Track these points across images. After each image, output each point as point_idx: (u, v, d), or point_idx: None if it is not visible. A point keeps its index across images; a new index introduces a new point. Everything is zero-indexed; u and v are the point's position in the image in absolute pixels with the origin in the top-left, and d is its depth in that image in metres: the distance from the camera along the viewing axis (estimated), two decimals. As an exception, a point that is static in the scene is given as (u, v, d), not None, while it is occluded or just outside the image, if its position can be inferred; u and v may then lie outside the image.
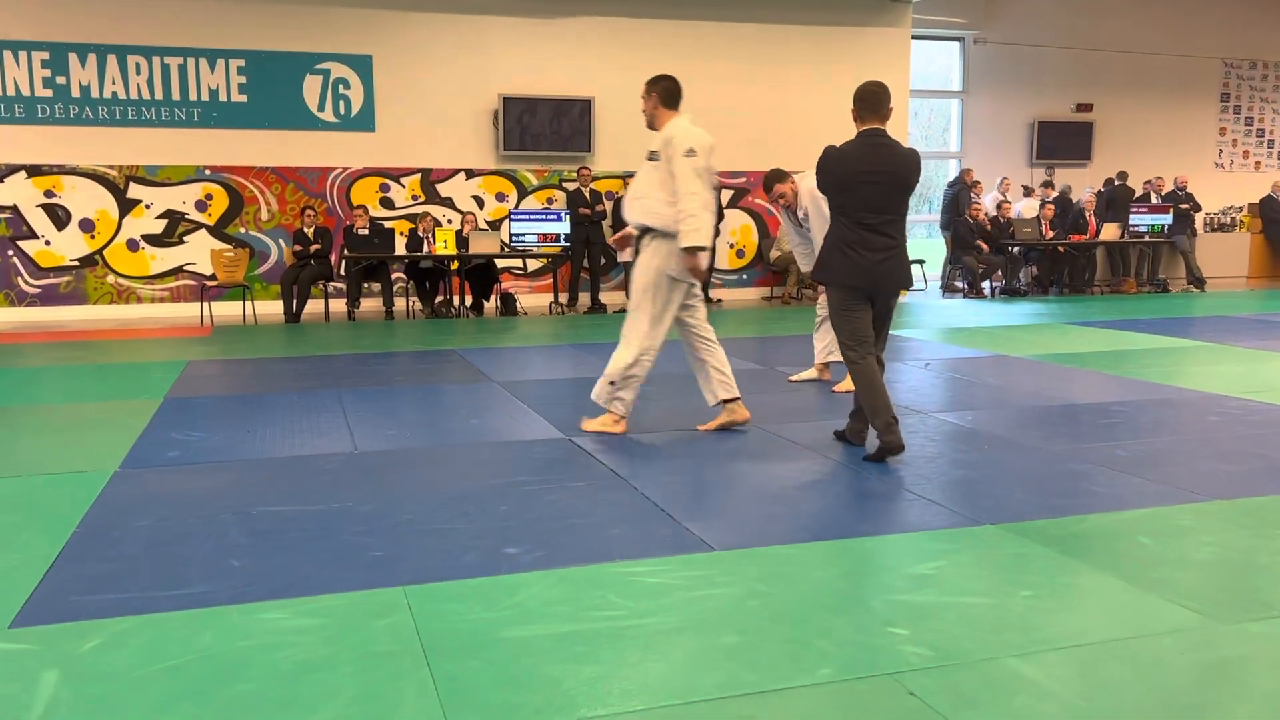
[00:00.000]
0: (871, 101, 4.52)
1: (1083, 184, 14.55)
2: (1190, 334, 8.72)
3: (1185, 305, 11.52)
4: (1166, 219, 13.47)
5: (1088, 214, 13.56)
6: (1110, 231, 13.32)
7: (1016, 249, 13.16)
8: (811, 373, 6.43)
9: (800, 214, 5.97)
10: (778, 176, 6.14)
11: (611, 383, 4.87)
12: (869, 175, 4.33)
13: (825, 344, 6.32)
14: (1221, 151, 16.53)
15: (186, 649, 2.51)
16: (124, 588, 2.92)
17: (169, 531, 3.44)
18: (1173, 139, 16.10)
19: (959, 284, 13.78)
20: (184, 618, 2.70)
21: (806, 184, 5.91)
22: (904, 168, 4.41)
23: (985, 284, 13.10)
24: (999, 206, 13.35)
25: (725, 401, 4.99)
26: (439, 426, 5.14)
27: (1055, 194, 14.31)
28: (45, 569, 3.08)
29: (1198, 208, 13.92)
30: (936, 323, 9.97)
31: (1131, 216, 13.50)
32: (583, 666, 2.40)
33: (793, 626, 2.63)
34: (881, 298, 4.40)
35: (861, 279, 4.31)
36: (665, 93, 4.85)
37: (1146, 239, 13.52)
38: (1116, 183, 14.34)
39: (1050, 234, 13.18)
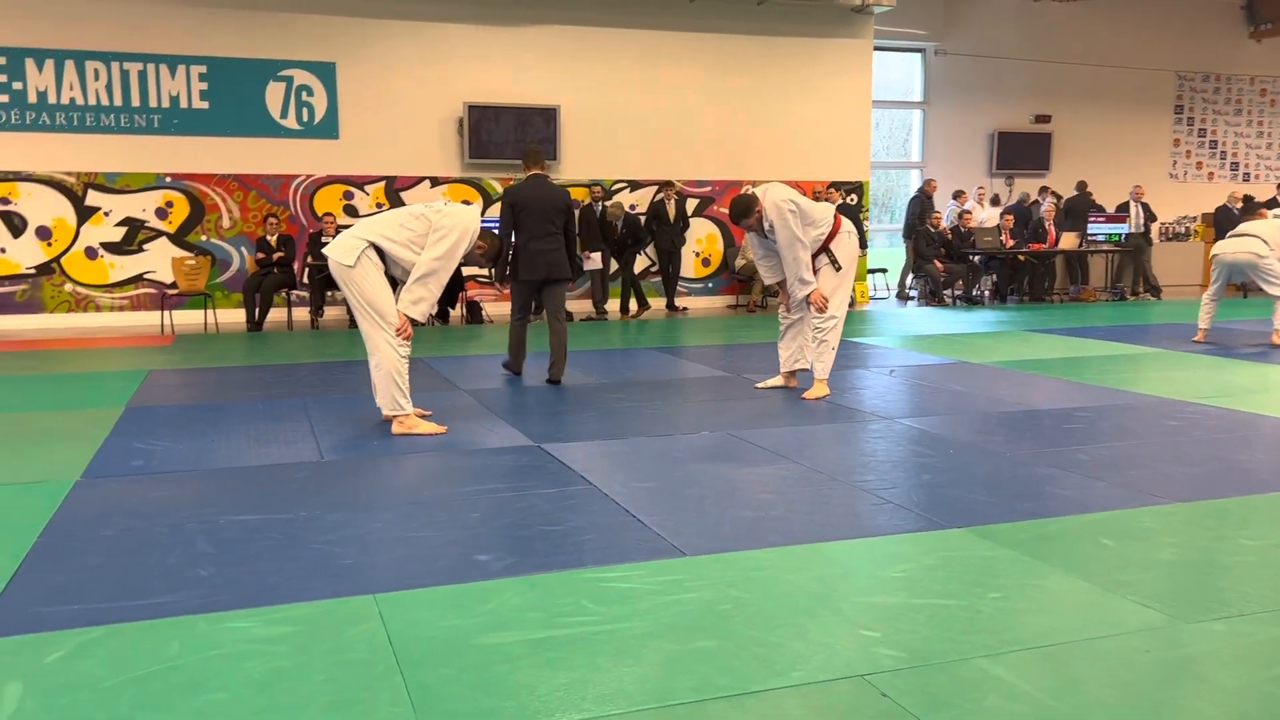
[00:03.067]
0: (534, 157, 7.00)
1: (1039, 192, 14.76)
2: (1148, 341, 8.87)
3: (1142, 313, 11.72)
4: (1124, 228, 13.70)
5: (1047, 223, 13.75)
6: (1069, 240, 13.52)
7: (977, 258, 13.32)
8: (778, 380, 6.46)
9: (766, 226, 6.00)
10: (745, 210, 6.04)
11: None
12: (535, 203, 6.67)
13: (790, 352, 6.35)
14: (1176, 162, 16.85)
15: (154, 659, 2.48)
16: (88, 598, 2.88)
17: (134, 541, 3.39)
18: (1129, 150, 16.39)
19: (911, 292, 13.92)
20: (150, 627, 2.67)
21: (771, 196, 5.94)
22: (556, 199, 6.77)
23: (946, 292, 13.24)
24: (960, 216, 13.51)
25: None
26: (406, 436, 5.10)
27: (1014, 200, 14.53)
28: (6, 580, 3.03)
29: (1153, 217, 14.16)
30: (898, 330, 10.07)
31: (1090, 225, 13.71)
32: (556, 672, 2.39)
33: (765, 630, 2.64)
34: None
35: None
36: None
37: (1104, 248, 13.74)
38: (1076, 193, 14.55)
39: (1010, 243, 13.35)
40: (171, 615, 2.75)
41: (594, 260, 11.86)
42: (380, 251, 5.01)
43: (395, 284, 5.11)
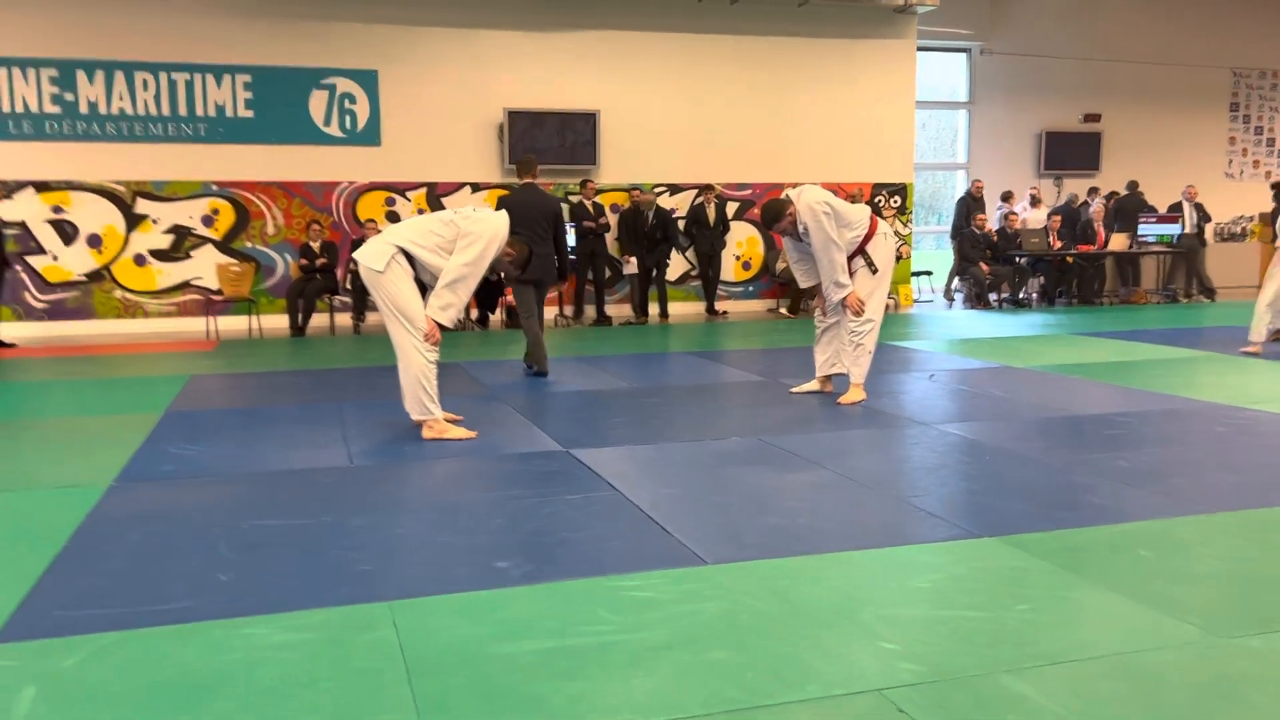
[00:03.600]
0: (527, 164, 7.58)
1: (1087, 192, 14.47)
2: (1199, 344, 8.64)
3: (1195, 315, 11.43)
4: (1176, 229, 13.38)
5: (1096, 224, 13.47)
6: (1119, 242, 13.24)
7: (1024, 260, 13.09)
8: (814, 385, 6.38)
9: (800, 229, 5.93)
10: (776, 214, 5.98)
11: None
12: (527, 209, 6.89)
13: (826, 356, 6.27)
14: (1231, 161, 16.44)
15: (167, 665, 2.48)
16: (109, 603, 2.90)
17: (158, 546, 3.42)
18: (1182, 149, 16.02)
19: (955, 294, 13.71)
20: (167, 633, 2.68)
21: (805, 199, 5.86)
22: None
23: (992, 295, 13.03)
24: (1005, 218, 13.28)
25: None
26: (435, 441, 5.10)
27: (1063, 200, 14.26)
28: (32, 584, 3.06)
29: (1207, 218, 13.81)
30: (942, 334, 9.91)
31: (1140, 226, 13.41)
32: (567, 683, 2.36)
33: (782, 642, 2.58)
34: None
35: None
36: None
37: (1155, 249, 13.42)
38: (1126, 193, 14.25)
39: (1058, 245, 13.10)
40: (188, 621, 2.75)
41: (632, 264, 11.85)
42: (410, 257, 5.02)
43: (424, 289, 5.12)
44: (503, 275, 6.64)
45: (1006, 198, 14.05)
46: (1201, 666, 2.43)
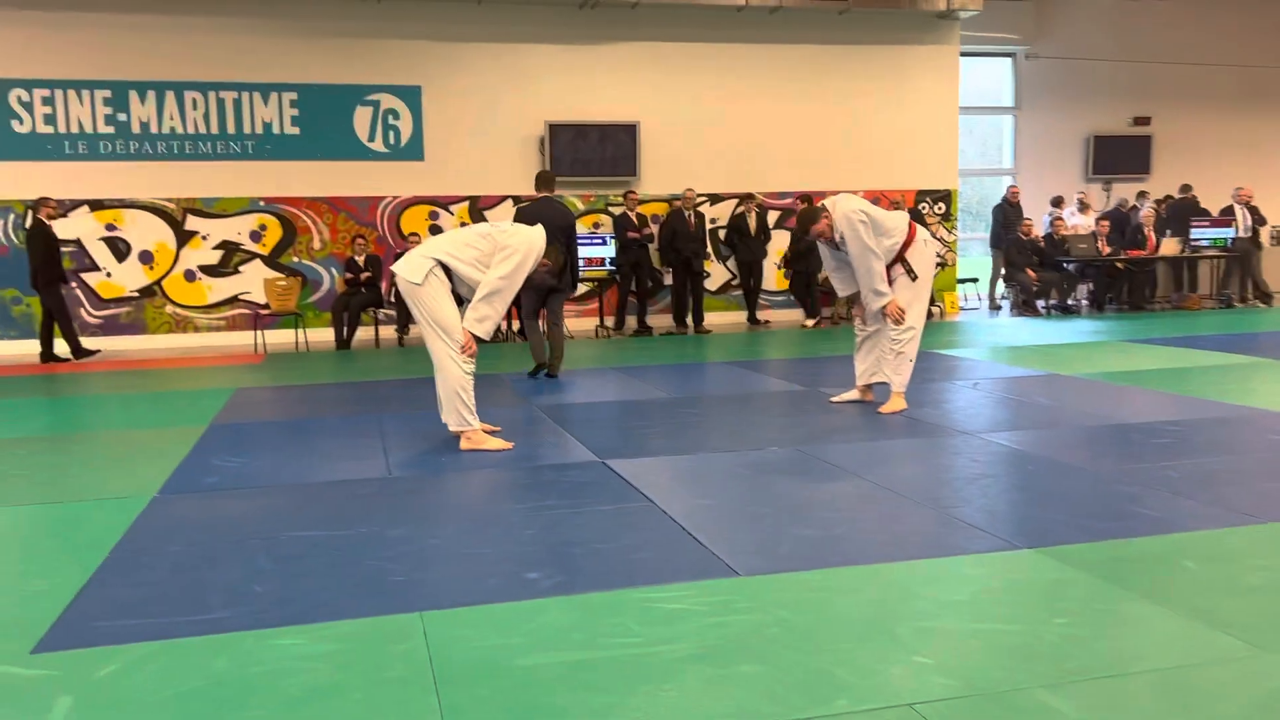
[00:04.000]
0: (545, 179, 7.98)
1: (1136, 197, 14.21)
2: (1254, 350, 8.43)
3: (1250, 321, 11.16)
4: (1230, 232, 13.09)
5: (1146, 229, 13.22)
6: (1170, 247, 12.98)
7: (1073, 266, 12.87)
8: (854, 394, 6.32)
9: (837, 238, 5.88)
10: (812, 218, 5.95)
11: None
12: (543, 221, 6.18)
13: (866, 365, 6.20)
14: (1289, 162, 16.04)
15: (199, 675, 2.51)
16: (147, 613, 2.94)
17: (197, 556, 3.46)
18: (1235, 151, 15.67)
19: (1002, 302, 13.53)
20: (201, 643, 2.71)
21: (841, 208, 5.81)
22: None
23: (1040, 302, 12.82)
24: (1053, 223, 13.08)
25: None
26: (472, 452, 5.12)
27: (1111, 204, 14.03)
28: (74, 594, 3.11)
29: (1263, 220, 13.49)
30: (989, 341, 9.77)
31: (1192, 231, 13.14)
32: (592, 696, 2.35)
33: (813, 655, 2.55)
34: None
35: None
36: None
37: (1209, 253, 13.13)
38: (1179, 196, 13.97)
39: (1107, 250, 12.88)
40: (223, 631, 2.78)
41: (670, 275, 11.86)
42: (447, 270, 5.06)
43: (461, 301, 5.15)
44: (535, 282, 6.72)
45: (1057, 203, 13.85)
46: (1248, 683, 2.35)
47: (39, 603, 3.05)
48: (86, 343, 10.44)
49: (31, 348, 10.33)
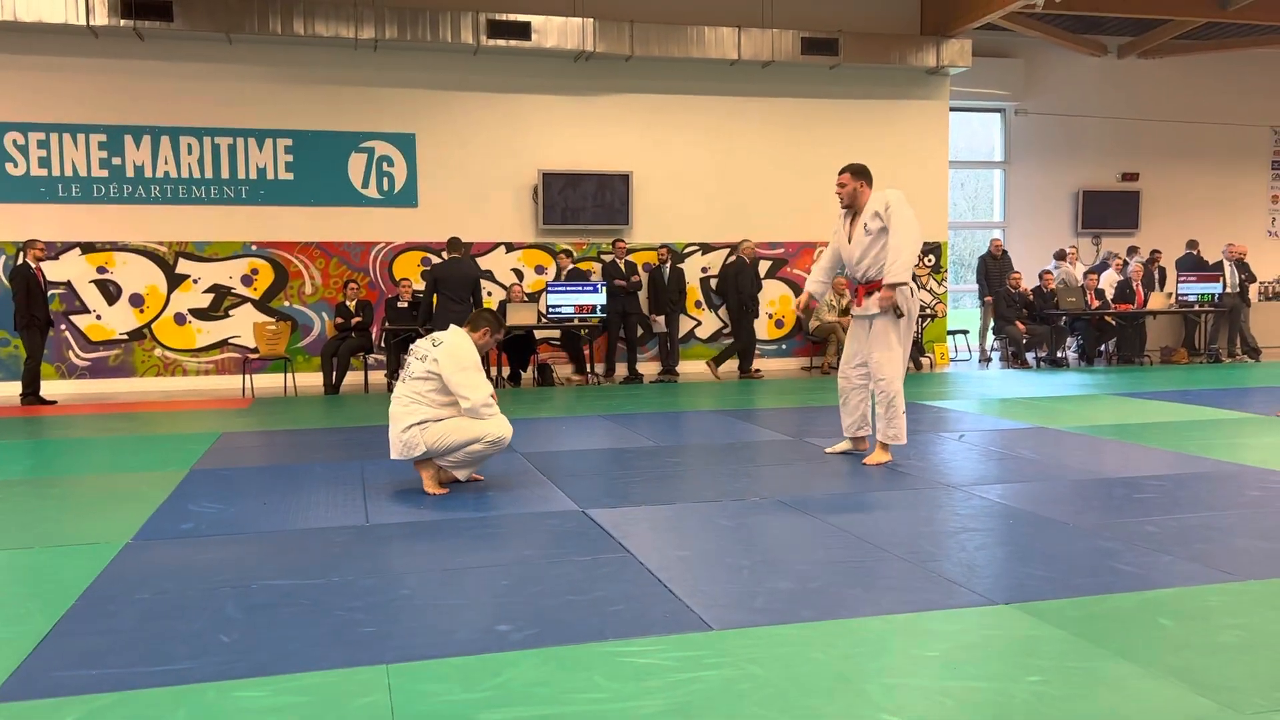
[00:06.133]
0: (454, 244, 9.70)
1: (1126, 251, 14.32)
2: (1242, 405, 8.44)
3: (1238, 376, 11.19)
4: (1217, 288, 13.18)
5: (1135, 284, 13.31)
6: (1158, 301, 13.05)
7: (1063, 319, 12.93)
8: (845, 445, 6.30)
9: (870, 212, 5.87)
10: (859, 171, 6.20)
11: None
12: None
13: (854, 420, 6.18)
14: (1275, 219, 16.22)
15: (157, 727, 2.46)
16: (109, 663, 2.89)
17: (165, 605, 3.42)
18: (1223, 207, 15.84)
19: (991, 352, 13.57)
20: (161, 695, 2.66)
21: (890, 191, 5.90)
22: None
23: (1030, 355, 12.86)
24: (1041, 276, 13.16)
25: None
26: (453, 499, 5.10)
27: (1100, 257, 14.12)
28: (36, 643, 3.07)
29: (1252, 277, 13.59)
30: (978, 393, 9.78)
31: (1180, 285, 13.23)
32: (554, 752, 2.31)
33: (781, 712, 2.51)
34: None
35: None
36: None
37: (1196, 308, 13.21)
38: (1186, 252, 14.03)
39: (1095, 304, 12.94)
40: (185, 683, 2.74)
41: (660, 323, 11.91)
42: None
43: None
44: (442, 327, 6.73)
45: (1061, 256, 13.92)
46: (1219, 745, 2.32)
47: (0, 651, 3.01)
48: (65, 387, 10.40)
49: (18, 389, 10.30)
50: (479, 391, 5.08)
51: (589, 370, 11.73)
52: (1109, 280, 13.46)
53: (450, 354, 5.12)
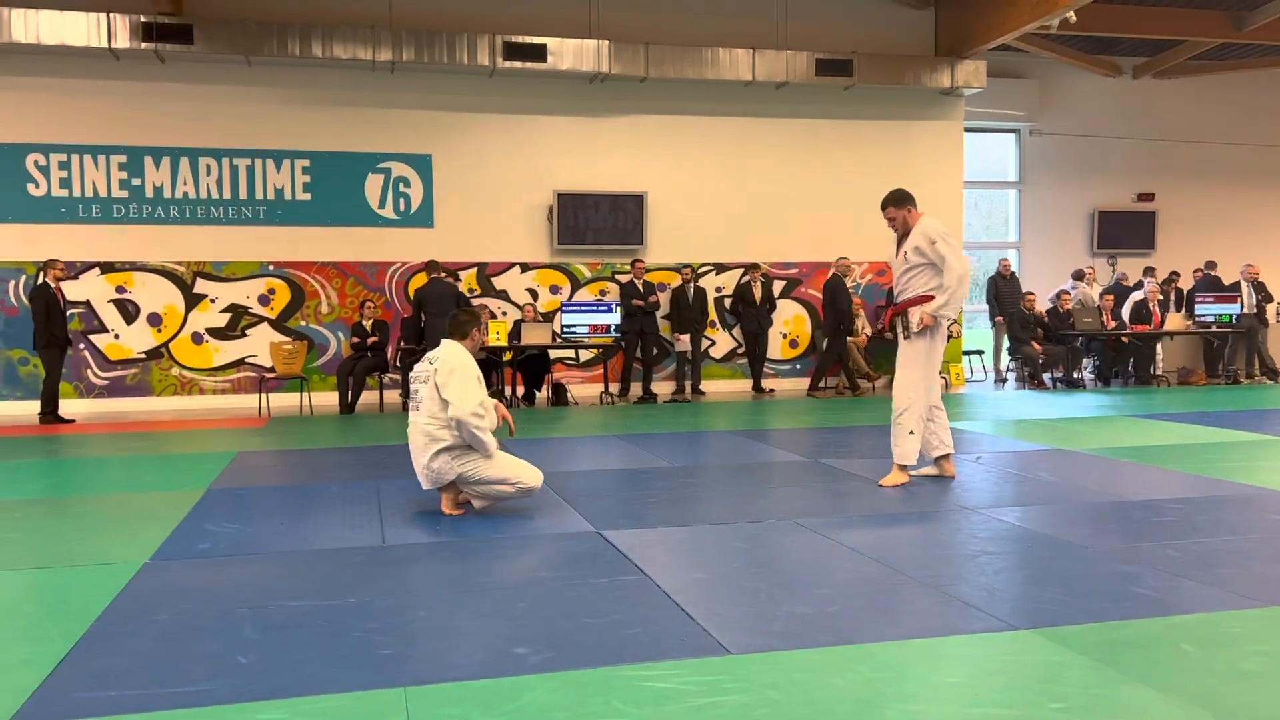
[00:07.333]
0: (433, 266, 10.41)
1: (1143, 272, 14.26)
2: (1260, 427, 8.38)
3: (1257, 397, 11.11)
4: (1234, 308, 13.11)
5: (1151, 304, 13.25)
6: (1175, 322, 12.99)
7: (1079, 340, 12.88)
8: (930, 469, 6.22)
9: (912, 245, 5.81)
10: (899, 199, 5.94)
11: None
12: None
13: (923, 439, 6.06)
14: (1293, 239, 16.13)
15: (175, 750, 2.47)
16: (127, 685, 2.90)
17: (184, 626, 3.43)
18: (1241, 227, 15.78)
19: (1007, 373, 13.51)
20: (179, 717, 2.66)
21: (929, 220, 5.84)
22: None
23: (1046, 375, 12.80)
24: (1058, 297, 13.12)
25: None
26: (469, 520, 5.10)
27: (1117, 277, 14.07)
28: (55, 663, 3.08)
29: (1269, 298, 13.52)
30: (994, 414, 9.74)
31: (1197, 306, 13.16)
32: (573, 778, 2.30)
33: (800, 738, 2.50)
34: None
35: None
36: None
37: (1214, 329, 13.13)
38: (1207, 272, 13.97)
39: (1111, 324, 12.89)
40: (202, 705, 2.74)
41: (683, 342, 11.92)
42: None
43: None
44: (431, 344, 6.76)
45: (1079, 276, 13.87)
46: (1245, 774, 2.30)
47: (20, 672, 3.02)
48: (83, 406, 10.46)
49: (37, 408, 10.36)
50: (467, 400, 5.03)
51: (604, 390, 11.74)
52: (1135, 300, 13.41)
53: (444, 364, 5.14)
